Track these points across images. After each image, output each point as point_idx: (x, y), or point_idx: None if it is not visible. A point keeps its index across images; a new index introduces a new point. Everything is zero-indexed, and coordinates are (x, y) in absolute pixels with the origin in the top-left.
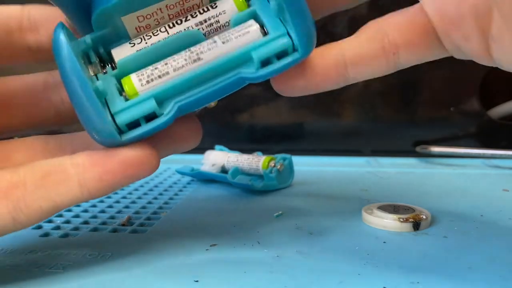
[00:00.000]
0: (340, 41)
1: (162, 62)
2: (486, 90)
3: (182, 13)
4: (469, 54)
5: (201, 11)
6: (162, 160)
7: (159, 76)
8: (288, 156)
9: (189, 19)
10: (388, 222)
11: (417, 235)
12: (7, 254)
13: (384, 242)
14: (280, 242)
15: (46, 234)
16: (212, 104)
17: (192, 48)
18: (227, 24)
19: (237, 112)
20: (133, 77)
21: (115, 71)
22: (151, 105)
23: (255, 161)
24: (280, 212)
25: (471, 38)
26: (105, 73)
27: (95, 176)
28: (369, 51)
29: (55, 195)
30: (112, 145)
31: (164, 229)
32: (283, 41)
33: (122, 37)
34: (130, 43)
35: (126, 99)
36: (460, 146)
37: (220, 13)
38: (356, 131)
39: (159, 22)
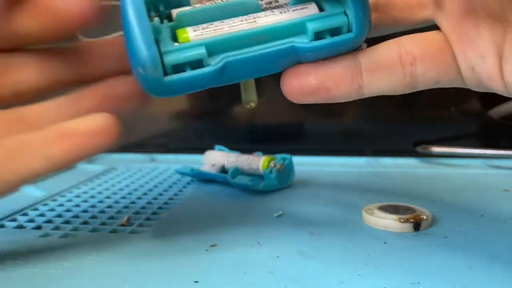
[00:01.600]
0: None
1: (218, 21)
2: None
3: None
4: (483, 74)
5: None
6: (162, 160)
7: (214, 30)
8: (288, 156)
9: None
10: (388, 222)
11: (418, 236)
12: (7, 254)
13: (385, 243)
14: (280, 242)
15: (46, 235)
16: (252, 104)
17: (250, 14)
18: (285, 4)
19: (237, 112)
20: (188, 28)
21: (173, 22)
22: (200, 52)
23: (255, 161)
24: (280, 212)
25: (486, 57)
26: (164, 24)
27: (58, 151)
28: (385, 58)
29: (21, 169)
30: (154, 85)
31: (163, 230)
32: (339, 18)
33: (185, 4)
34: (190, 6)
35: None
36: (460, 146)
37: None
38: (356, 131)
39: None
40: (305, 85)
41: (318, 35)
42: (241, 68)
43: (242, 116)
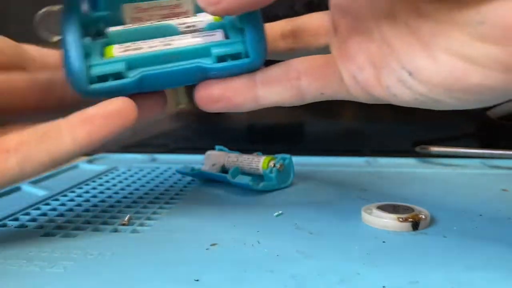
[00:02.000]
0: None
1: (140, 41)
2: None
3: (170, 16)
4: (364, 83)
5: (185, 17)
6: (162, 160)
7: (134, 49)
8: (288, 156)
9: (172, 19)
10: (387, 221)
11: (416, 235)
12: (9, 253)
13: (384, 242)
14: (280, 241)
15: (47, 234)
16: (182, 106)
17: (168, 37)
18: (201, 29)
19: (237, 112)
20: (115, 45)
21: (104, 39)
22: (120, 66)
23: (255, 161)
24: (280, 212)
25: (364, 68)
26: (96, 40)
27: (83, 132)
28: (275, 73)
29: (51, 148)
30: (81, 91)
31: (164, 229)
32: (238, 46)
33: (119, 24)
34: (123, 26)
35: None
36: (459, 146)
37: (198, 21)
38: (355, 131)
39: (150, 18)
40: (211, 94)
41: (221, 58)
42: (156, 81)
43: (242, 116)
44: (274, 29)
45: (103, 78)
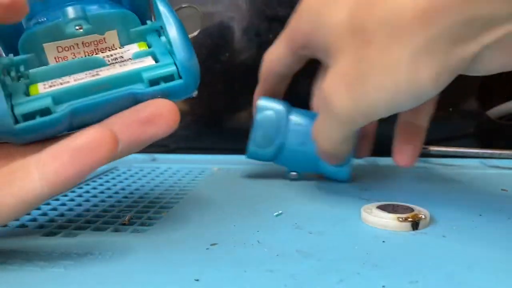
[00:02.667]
0: None
1: (66, 76)
2: (485, 90)
3: (95, 52)
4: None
5: (110, 50)
6: (162, 160)
7: (61, 84)
8: None
9: (98, 54)
10: (387, 221)
11: (416, 235)
12: (9, 253)
13: (383, 242)
14: (280, 242)
15: (47, 234)
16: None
17: (94, 69)
18: (129, 59)
19: (237, 112)
20: (39, 83)
21: (28, 80)
22: (47, 102)
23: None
24: (280, 212)
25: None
26: (20, 81)
27: (52, 170)
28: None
29: (18, 191)
30: (8, 133)
31: (164, 229)
32: (169, 67)
33: (44, 65)
34: (47, 65)
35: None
36: (459, 146)
37: (124, 51)
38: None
39: (75, 57)
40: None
41: (153, 82)
42: (87, 113)
43: (242, 116)
44: None
45: (29, 116)
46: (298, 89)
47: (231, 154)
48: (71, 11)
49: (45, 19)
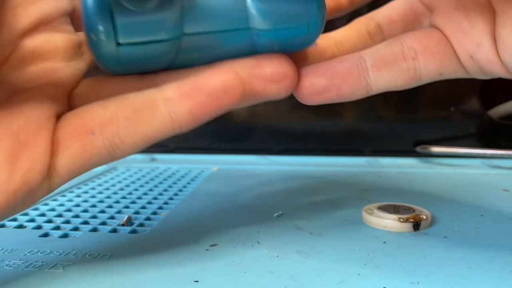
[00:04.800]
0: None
1: None
2: (487, 90)
3: None
4: (482, 61)
5: None
6: (161, 160)
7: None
8: None
9: None
10: (388, 222)
11: (417, 235)
12: (7, 254)
13: (384, 242)
14: (280, 242)
15: (45, 234)
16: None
17: None
18: None
19: (237, 112)
20: None
21: None
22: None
23: None
24: (280, 212)
25: (481, 44)
26: None
27: (185, 110)
28: (389, 54)
29: (148, 131)
30: (105, 54)
31: (164, 229)
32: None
33: None
34: None
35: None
36: (460, 146)
37: None
38: (356, 131)
39: None
40: (315, 84)
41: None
42: (198, 45)
43: (242, 116)
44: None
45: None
46: None
47: (230, 154)
48: None
49: None
